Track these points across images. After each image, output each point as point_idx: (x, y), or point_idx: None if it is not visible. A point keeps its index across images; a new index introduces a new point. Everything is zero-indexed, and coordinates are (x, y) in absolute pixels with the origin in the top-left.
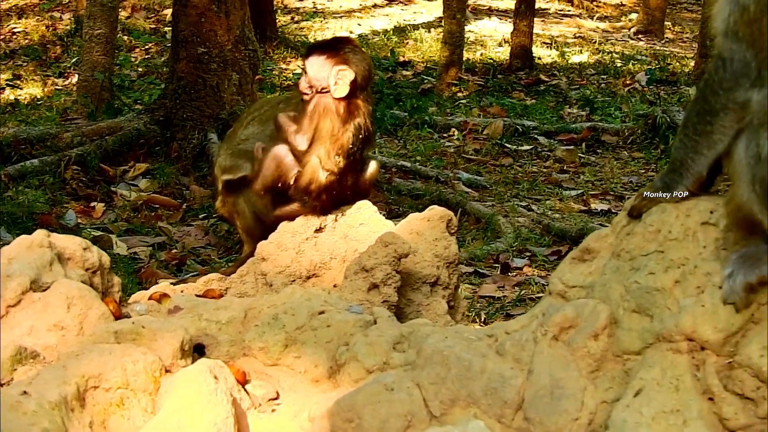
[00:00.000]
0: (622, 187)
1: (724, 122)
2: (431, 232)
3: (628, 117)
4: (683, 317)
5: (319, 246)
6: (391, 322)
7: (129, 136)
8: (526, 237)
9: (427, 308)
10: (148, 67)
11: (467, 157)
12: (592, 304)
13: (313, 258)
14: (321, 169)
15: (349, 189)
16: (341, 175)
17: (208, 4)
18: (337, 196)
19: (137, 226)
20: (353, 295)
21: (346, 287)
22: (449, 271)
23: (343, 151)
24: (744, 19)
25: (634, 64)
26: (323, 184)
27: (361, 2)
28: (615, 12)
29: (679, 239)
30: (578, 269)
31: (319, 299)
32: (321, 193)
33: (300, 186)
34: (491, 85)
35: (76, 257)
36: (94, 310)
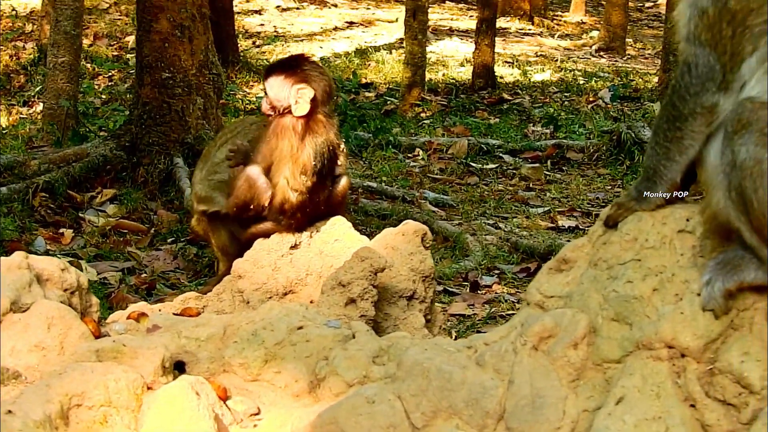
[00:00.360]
0: (588, 203)
1: (694, 127)
2: (406, 246)
3: (592, 134)
4: (662, 325)
5: (295, 262)
6: (369, 336)
7: (95, 162)
8: (494, 255)
9: (404, 322)
10: (112, 93)
11: (433, 176)
12: (570, 314)
13: (289, 274)
14: (290, 190)
15: (322, 204)
16: (312, 192)
17: (171, 29)
18: (310, 213)
19: (106, 251)
20: (331, 310)
21: (323, 302)
22: (425, 285)
23: (307, 170)
24: (704, 23)
25: (597, 81)
26: (295, 204)
27: (322, 25)
28: (576, 30)
29: (656, 247)
30: (556, 279)
31: (297, 314)
32: (295, 212)
33: (273, 207)
34: (454, 105)
35: (55, 278)
36: (74, 330)
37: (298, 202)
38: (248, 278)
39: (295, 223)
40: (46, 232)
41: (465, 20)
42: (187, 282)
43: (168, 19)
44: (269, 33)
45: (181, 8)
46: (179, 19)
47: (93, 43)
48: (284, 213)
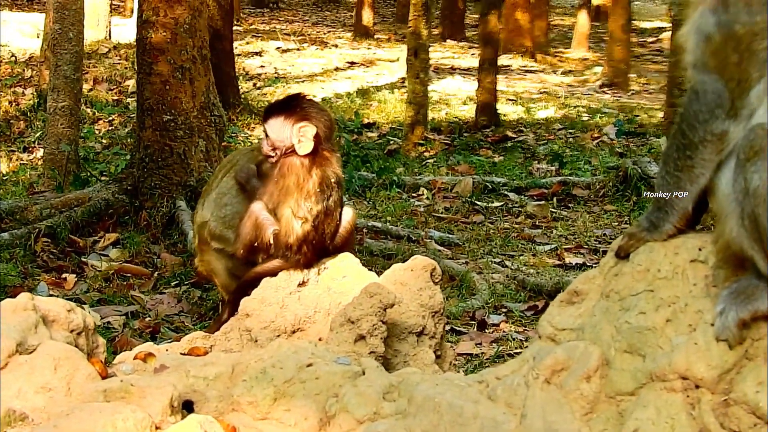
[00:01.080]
0: (596, 240)
1: (704, 155)
2: (415, 281)
3: (598, 170)
4: (676, 356)
5: (302, 300)
6: (379, 372)
7: (97, 206)
8: (501, 293)
9: (414, 358)
10: (113, 138)
11: (438, 215)
12: (582, 346)
13: (297, 312)
14: (294, 219)
15: (329, 238)
16: (318, 224)
17: (172, 71)
18: (318, 247)
19: (109, 296)
20: (340, 347)
21: (332, 339)
22: (435, 321)
23: (311, 196)
24: (710, 48)
25: (601, 117)
26: (300, 235)
27: (323, 66)
28: (579, 66)
29: (668, 278)
30: (567, 312)
31: (306, 352)
32: (301, 246)
33: (279, 243)
34: (458, 144)
35: (61, 319)
36: (81, 371)
37: (304, 232)
38: (256, 316)
39: (303, 259)
40: (48, 277)
41: (467, 58)
42: (191, 325)
43: (168, 61)
44: (270, 75)
45: (181, 50)
46: (180, 61)
47: (93, 88)
48: (290, 248)
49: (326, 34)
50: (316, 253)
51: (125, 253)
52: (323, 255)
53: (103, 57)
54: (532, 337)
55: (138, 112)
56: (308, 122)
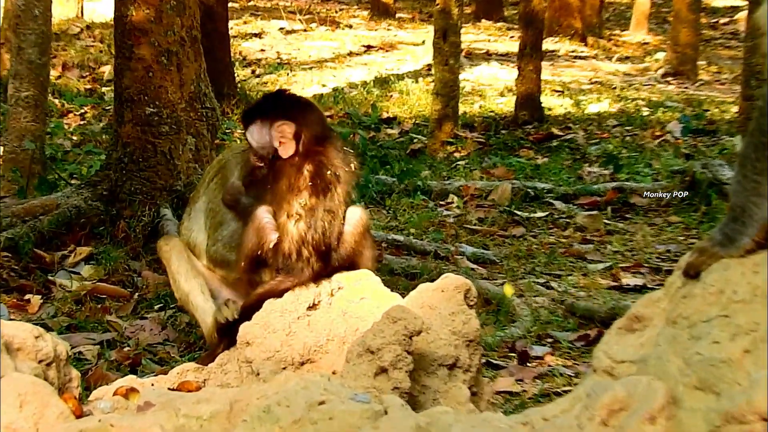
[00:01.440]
0: (657, 257)
1: None
2: (447, 304)
3: (660, 174)
4: (756, 393)
5: (313, 325)
6: (405, 412)
7: (67, 215)
8: (546, 320)
9: (445, 395)
10: (85, 134)
11: (470, 227)
12: (645, 382)
13: (306, 340)
14: (289, 221)
15: (334, 239)
16: (315, 222)
17: (156, 56)
18: (321, 252)
19: (81, 321)
20: (358, 381)
21: (348, 373)
22: (470, 351)
23: (303, 191)
24: None
25: (664, 112)
26: (296, 235)
27: (334, 50)
28: (638, 51)
29: (746, 301)
30: (627, 341)
31: (317, 387)
32: (300, 250)
33: (279, 250)
34: (494, 143)
35: (27, 347)
36: (51, 408)
37: (299, 232)
38: (258, 345)
39: (308, 268)
40: (8, 298)
41: (505, 42)
42: (178, 356)
43: (152, 44)
44: (271, 60)
45: (167, 31)
46: (165, 44)
47: (62, 75)
48: (289, 255)
49: (338, 12)
50: (322, 259)
51: (100, 271)
52: (331, 264)
53: (74, 38)
54: (582, 372)
55: (115, 104)
56: (286, 120)
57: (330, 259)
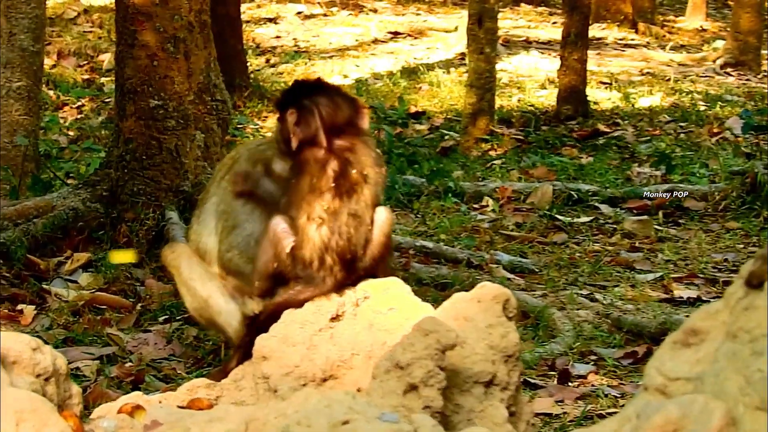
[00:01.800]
0: (714, 267)
1: None
2: (483, 316)
3: (717, 176)
4: None
5: (336, 338)
6: None
7: (63, 217)
8: (589, 336)
9: (480, 415)
10: (83, 128)
11: (507, 233)
12: (702, 401)
13: (329, 354)
14: (309, 224)
15: (360, 248)
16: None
17: (161, 43)
18: (346, 260)
19: (79, 334)
20: (385, 399)
21: (375, 390)
22: (508, 367)
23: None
24: None
25: (723, 107)
26: (318, 242)
27: (358, 37)
28: (694, 39)
29: None
30: (682, 356)
31: (341, 406)
32: (323, 258)
33: (299, 257)
34: (534, 140)
35: (24, 360)
36: (50, 427)
37: (321, 238)
38: (275, 360)
39: (331, 278)
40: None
41: (547, 28)
42: (185, 373)
43: (156, 29)
44: (288, 48)
45: (173, 15)
46: (171, 29)
47: (57, 64)
48: (310, 263)
49: None
50: (347, 268)
51: (99, 279)
52: (357, 274)
53: (71, 23)
54: (629, 393)
55: (116, 96)
56: (292, 108)
57: (355, 269)
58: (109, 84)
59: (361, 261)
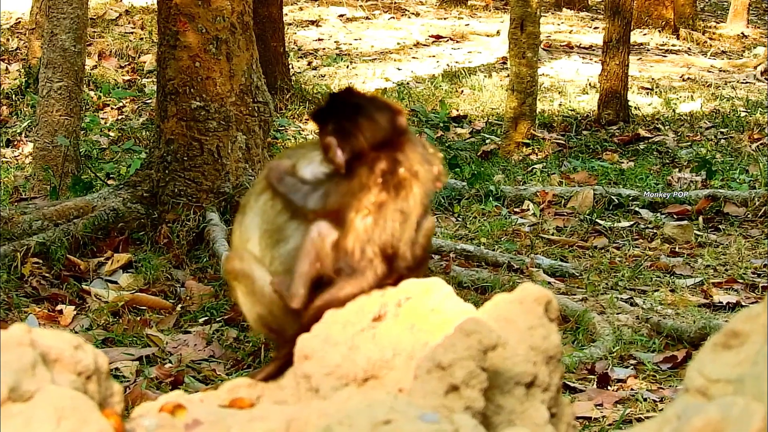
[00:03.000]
0: (753, 272)
1: None
2: (525, 317)
3: (758, 181)
4: None
5: (378, 339)
6: None
7: (104, 218)
8: (629, 340)
9: (521, 416)
10: (124, 129)
11: (547, 237)
12: (742, 404)
13: (370, 354)
14: (358, 216)
15: (406, 247)
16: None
17: (203, 44)
18: (389, 255)
19: (118, 334)
20: (426, 399)
21: (416, 390)
22: (549, 369)
23: (373, 187)
24: None
25: (764, 113)
26: (362, 232)
27: (400, 40)
28: (735, 46)
29: None
30: (723, 358)
31: (383, 406)
32: (364, 249)
33: (341, 248)
34: (574, 145)
35: (65, 358)
36: (91, 425)
37: (365, 228)
38: (317, 360)
39: (372, 271)
40: (39, 309)
41: (588, 33)
42: (224, 374)
43: (199, 30)
44: (330, 50)
45: (216, 16)
46: (214, 30)
47: (98, 64)
48: (352, 254)
49: None
50: (388, 263)
51: (139, 280)
52: (398, 273)
53: (112, 24)
54: (668, 398)
55: (158, 97)
56: (330, 134)
57: (396, 267)
58: (150, 85)
59: (404, 260)
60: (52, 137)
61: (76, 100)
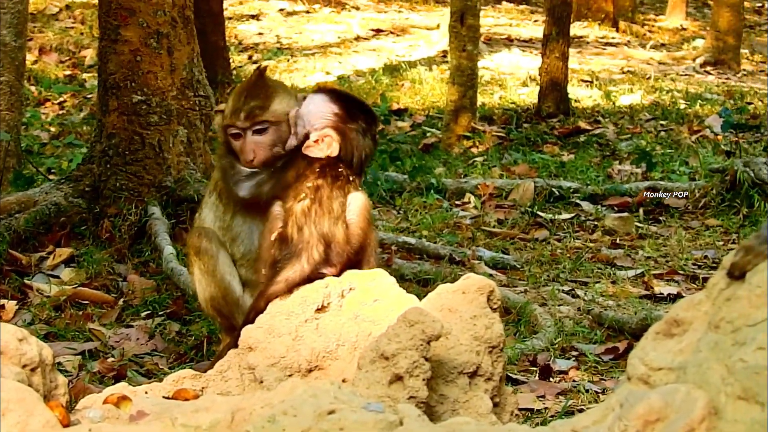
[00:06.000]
0: (694, 264)
1: None
2: (468, 307)
3: (698, 173)
4: None
5: (322, 329)
6: (422, 423)
7: (45, 213)
8: (571, 331)
9: (465, 405)
10: (65, 124)
11: (489, 230)
12: (684, 391)
13: (314, 345)
14: (297, 203)
15: (342, 224)
16: (321, 201)
17: (144, 38)
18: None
19: (61, 329)
20: (370, 389)
21: (360, 380)
22: (492, 358)
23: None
24: None
25: (703, 105)
26: (301, 217)
27: (340, 34)
28: (674, 38)
29: None
30: (665, 346)
31: (327, 395)
32: (302, 230)
33: (284, 235)
34: (515, 137)
35: (10, 351)
36: (36, 417)
37: (305, 213)
38: (261, 351)
39: (311, 256)
40: None
41: (528, 26)
42: (167, 368)
43: (140, 24)
44: (270, 44)
45: (157, 10)
46: (155, 24)
47: (38, 59)
48: (291, 239)
49: None
50: (325, 242)
51: (81, 274)
52: (342, 256)
53: (52, 19)
54: (610, 389)
55: (99, 91)
56: (332, 130)
57: (334, 248)
58: (91, 80)
59: (347, 243)
60: None
61: (17, 95)
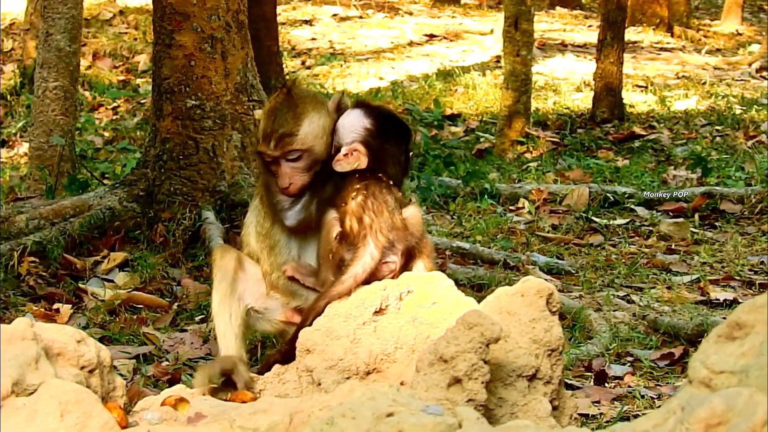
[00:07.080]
0: (750, 269)
1: None
2: (527, 310)
3: (753, 179)
4: None
5: (380, 332)
6: (481, 425)
7: (100, 217)
8: (626, 337)
9: (524, 409)
10: (119, 129)
11: (543, 235)
12: (746, 394)
13: (372, 348)
14: (350, 200)
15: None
16: (375, 195)
17: (199, 43)
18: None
19: (115, 333)
20: (429, 392)
21: (419, 383)
22: (551, 361)
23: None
24: None
25: (759, 110)
26: (357, 209)
27: (393, 39)
28: (730, 43)
29: None
30: (727, 349)
31: (386, 398)
32: (361, 219)
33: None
34: (569, 143)
35: (68, 352)
36: (94, 419)
37: (360, 205)
38: (319, 353)
39: (375, 239)
40: (36, 308)
41: (583, 32)
42: None
43: (194, 29)
44: (323, 50)
45: (211, 15)
46: (209, 29)
47: (92, 65)
48: (350, 233)
49: None
50: (385, 229)
51: (135, 278)
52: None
53: (106, 24)
54: (665, 394)
55: (153, 96)
56: (364, 147)
57: (395, 235)
58: (144, 85)
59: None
60: (47, 137)
61: (72, 100)
